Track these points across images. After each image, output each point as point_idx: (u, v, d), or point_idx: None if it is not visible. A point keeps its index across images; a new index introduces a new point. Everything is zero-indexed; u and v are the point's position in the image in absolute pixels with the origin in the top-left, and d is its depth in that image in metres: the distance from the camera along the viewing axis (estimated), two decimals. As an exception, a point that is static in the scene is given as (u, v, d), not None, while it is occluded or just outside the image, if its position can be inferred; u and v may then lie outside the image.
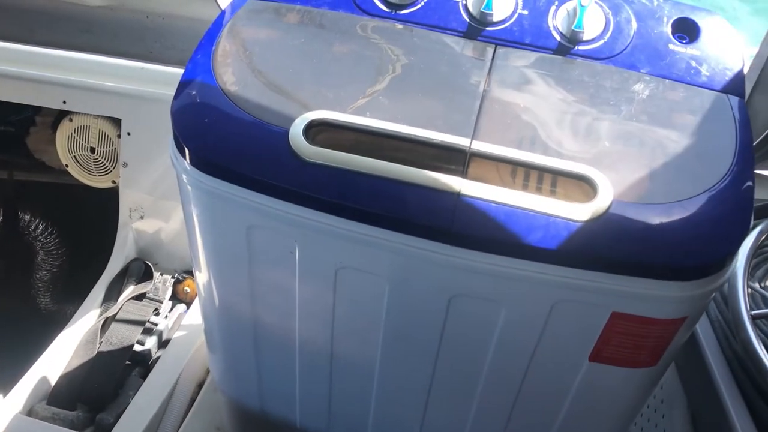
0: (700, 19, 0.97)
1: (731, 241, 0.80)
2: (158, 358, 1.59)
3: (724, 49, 0.95)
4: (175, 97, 0.88)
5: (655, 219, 0.78)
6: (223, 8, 1.04)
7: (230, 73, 0.89)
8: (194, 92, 0.87)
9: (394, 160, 0.82)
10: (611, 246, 0.78)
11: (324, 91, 0.88)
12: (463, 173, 0.81)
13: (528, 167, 0.81)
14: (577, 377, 0.92)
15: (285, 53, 0.92)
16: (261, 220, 0.86)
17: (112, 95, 1.54)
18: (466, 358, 0.95)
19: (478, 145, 0.82)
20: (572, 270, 0.79)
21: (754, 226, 1.18)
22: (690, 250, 0.78)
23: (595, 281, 0.80)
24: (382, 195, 0.80)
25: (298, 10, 0.98)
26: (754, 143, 1.28)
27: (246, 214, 0.86)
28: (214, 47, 0.92)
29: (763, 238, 1.14)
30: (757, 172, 1.42)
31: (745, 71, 1.26)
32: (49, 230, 2.07)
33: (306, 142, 0.82)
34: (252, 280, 0.95)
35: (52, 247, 2.08)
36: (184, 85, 0.89)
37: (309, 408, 1.14)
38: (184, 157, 0.86)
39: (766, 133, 1.23)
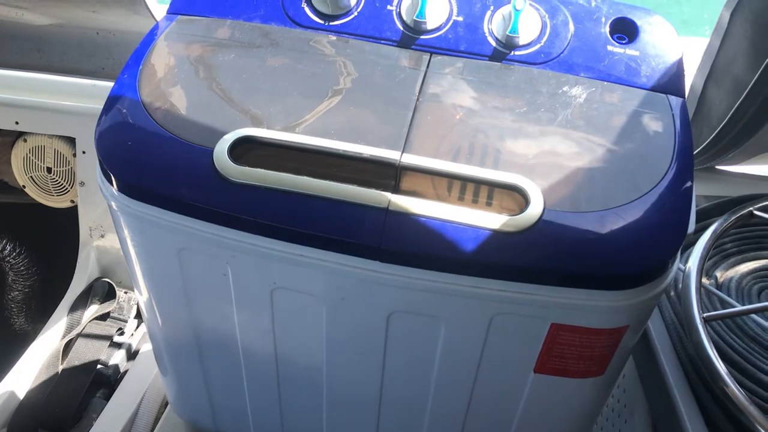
0: (639, 19, 0.95)
1: (667, 247, 0.78)
2: (125, 373, 1.57)
3: (664, 49, 0.94)
4: (99, 121, 0.86)
5: (589, 227, 0.76)
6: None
7: (156, 93, 0.87)
8: (118, 115, 0.85)
9: (323, 177, 0.80)
10: (543, 257, 0.76)
11: (253, 108, 0.86)
12: (394, 188, 0.79)
13: (457, 179, 0.80)
14: (525, 389, 0.91)
15: (214, 70, 0.90)
16: (191, 243, 0.84)
17: (65, 114, 1.51)
18: (412, 372, 0.93)
19: (409, 158, 0.80)
20: (506, 283, 0.78)
21: (710, 224, 1.16)
22: (624, 258, 0.76)
23: (531, 293, 0.78)
24: (309, 214, 0.78)
25: (229, 24, 0.96)
26: (710, 138, 1.27)
27: (175, 237, 0.84)
28: (141, 66, 0.90)
29: (719, 234, 1.12)
30: (718, 167, 1.41)
31: (696, 65, 1.25)
32: (18, 250, 2.03)
33: (230, 161, 0.79)
34: (189, 301, 0.93)
35: (22, 268, 2.05)
36: (108, 107, 0.87)
37: (263, 426, 1.12)
38: (111, 182, 0.84)
39: (720, 127, 1.22)
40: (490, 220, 0.76)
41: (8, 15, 1.40)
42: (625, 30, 0.95)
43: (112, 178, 0.84)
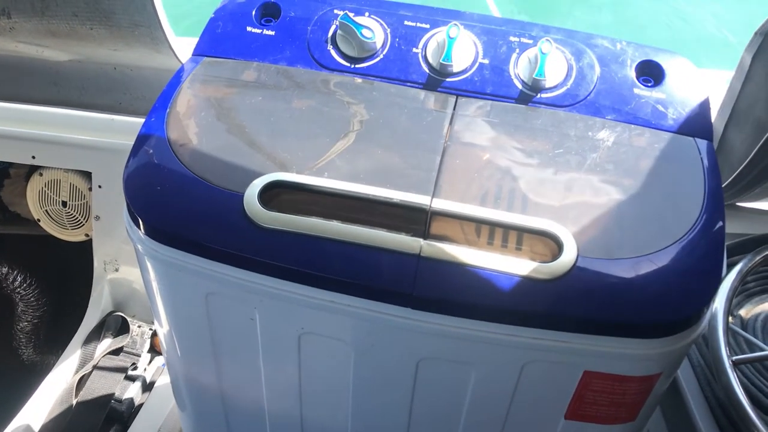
0: (665, 61, 0.96)
1: (702, 294, 0.77)
2: (140, 406, 1.55)
3: (690, 91, 0.94)
4: (127, 164, 0.85)
5: (623, 275, 0.76)
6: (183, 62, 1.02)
7: (184, 137, 0.87)
8: (146, 159, 0.85)
9: (353, 222, 0.79)
10: (577, 305, 0.75)
11: (281, 152, 0.85)
12: (425, 234, 0.79)
13: (489, 224, 0.79)
14: (555, 435, 0.89)
15: (241, 113, 0.90)
16: (219, 288, 0.84)
17: (81, 149, 1.51)
18: (439, 419, 0.92)
19: (439, 203, 0.80)
20: (540, 331, 0.77)
21: (735, 263, 1.16)
22: (659, 306, 0.76)
23: (564, 341, 0.77)
24: (340, 260, 0.78)
25: (256, 66, 0.96)
26: (731, 178, 1.26)
27: (203, 282, 0.84)
28: (168, 109, 0.90)
29: (744, 274, 1.11)
30: (739, 204, 1.40)
31: (718, 107, 1.25)
32: (28, 281, 2.03)
33: (261, 206, 0.79)
34: (214, 343, 0.92)
35: (32, 299, 2.05)
36: (136, 151, 0.86)
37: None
38: (138, 226, 0.84)
39: (741, 167, 1.21)
40: (524, 267, 0.76)
41: (28, 52, 1.40)
42: (651, 73, 0.95)
43: (140, 222, 0.83)
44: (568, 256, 0.76)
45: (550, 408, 0.86)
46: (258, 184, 0.81)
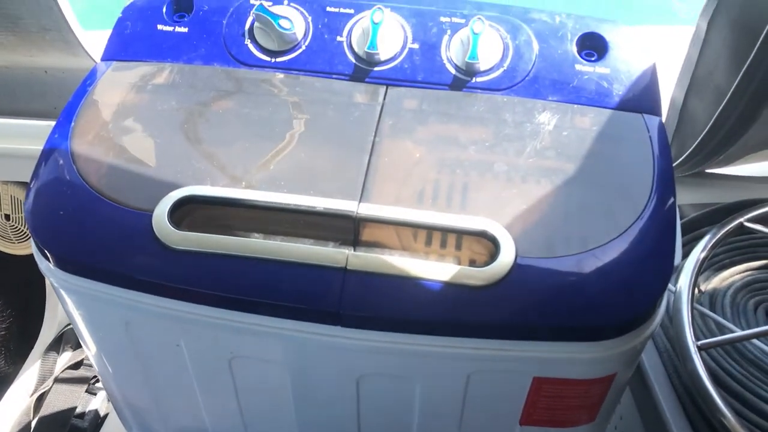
0: (607, 33, 0.89)
1: (653, 288, 0.72)
2: (105, 417, 1.50)
3: (636, 64, 0.87)
4: (28, 190, 0.78)
5: (565, 275, 0.70)
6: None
7: (90, 153, 0.80)
8: (49, 180, 0.78)
9: (275, 236, 0.73)
10: (517, 311, 0.69)
11: (196, 163, 0.79)
12: (353, 243, 0.72)
13: (420, 228, 0.73)
14: (512, 441, 0.84)
15: (152, 121, 0.83)
16: (137, 317, 0.77)
17: (17, 159, 1.44)
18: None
19: (366, 209, 0.73)
20: (480, 341, 0.71)
21: (701, 235, 1.10)
22: (606, 306, 0.70)
23: (508, 350, 0.71)
24: (259, 280, 0.71)
25: (170, 68, 0.89)
26: (696, 143, 1.20)
27: (120, 311, 0.77)
28: (72, 123, 0.83)
29: (709, 250, 1.05)
30: (708, 171, 1.35)
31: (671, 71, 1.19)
32: (-10, 294, 1.97)
33: (171, 226, 0.72)
34: (145, 370, 0.86)
35: (-4, 311, 1.98)
36: (38, 171, 0.80)
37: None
38: (45, 257, 0.77)
39: (703, 134, 1.15)
40: (457, 273, 0.69)
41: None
42: (594, 45, 0.88)
43: (45, 251, 0.76)
44: (506, 258, 0.70)
45: (504, 415, 0.81)
46: (168, 201, 0.74)
